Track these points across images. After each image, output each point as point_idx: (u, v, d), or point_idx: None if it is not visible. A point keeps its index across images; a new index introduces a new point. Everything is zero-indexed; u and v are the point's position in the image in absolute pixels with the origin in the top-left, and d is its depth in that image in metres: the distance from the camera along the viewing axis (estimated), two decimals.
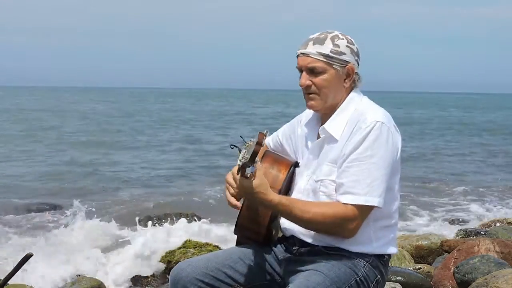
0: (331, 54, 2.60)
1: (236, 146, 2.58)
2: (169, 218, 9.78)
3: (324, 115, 2.72)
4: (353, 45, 2.66)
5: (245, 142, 2.50)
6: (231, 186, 2.56)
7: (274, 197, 2.49)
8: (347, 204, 2.50)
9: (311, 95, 2.66)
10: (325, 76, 2.62)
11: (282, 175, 2.70)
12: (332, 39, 2.62)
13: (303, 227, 2.60)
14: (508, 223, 7.78)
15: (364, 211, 2.52)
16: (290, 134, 2.90)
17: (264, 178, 2.48)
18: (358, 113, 2.62)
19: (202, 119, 37.36)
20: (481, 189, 13.02)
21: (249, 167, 2.34)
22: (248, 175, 2.38)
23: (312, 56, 2.62)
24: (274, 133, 3.01)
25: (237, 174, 2.42)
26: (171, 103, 67.34)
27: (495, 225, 7.66)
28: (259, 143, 2.31)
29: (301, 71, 2.67)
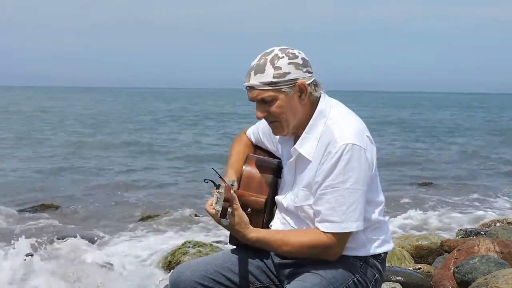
0: (274, 80, 2.50)
1: (210, 180, 2.59)
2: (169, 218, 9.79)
3: (295, 132, 2.67)
4: (296, 58, 2.54)
5: (220, 176, 2.61)
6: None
7: (252, 235, 2.53)
8: (326, 232, 2.51)
9: (272, 124, 2.61)
10: (277, 103, 2.53)
11: (267, 181, 2.71)
12: (272, 62, 2.51)
13: (285, 255, 2.64)
14: (508, 223, 7.77)
15: (343, 237, 2.52)
16: (269, 133, 2.82)
17: (242, 216, 2.51)
18: (328, 131, 2.54)
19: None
20: None
21: (222, 219, 2.43)
22: (225, 223, 2.47)
23: (258, 88, 2.52)
24: (255, 127, 2.96)
25: (213, 209, 2.46)
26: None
27: (495, 225, 7.66)
28: (226, 200, 2.39)
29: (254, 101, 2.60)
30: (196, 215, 10.03)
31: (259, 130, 2.92)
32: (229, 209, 2.43)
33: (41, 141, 21.64)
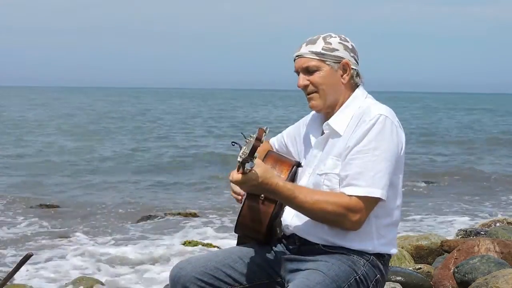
0: (322, 51, 2.64)
1: (237, 143, 2.60)
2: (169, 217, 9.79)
3: (327, 114, 2.73)
4: (347, 42, 2.69)
5: (246, 139, 2.50)
6: (235, 183, 2.50)
7: (279, 181, 2.50)
8: (351, 195, 2.51)
9: (311, 95, 2.69)
10: (320, 73, 2.65)
11: (284, 175, 2.71)
12: (324, 38, 2.68)
13: (306, 214, 2.59)
14: (508, 223, 7.77)
15: (368, 203, 2.52)
16: (295, 136, 2.92)
17: (265, 165, 2.51)
18: (362, 110, 2.64)
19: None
20: None
21: (248, 162, 2.35)
22: (248, 171, 2.38)
23: (306, 56, 2.67)
24: (279, 134, 3.03)
25: (237, 171, 2.41)
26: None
27: (495, 225, 7.65)
28: (259, 139, 2.33)
29: (298, 73, 2.71)
30: (196, 215, 10.04)
31: (283, 135, 2.99)
32: (256, 153, 2.35)
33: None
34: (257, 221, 2.68)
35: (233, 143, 2.64)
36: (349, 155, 2.55)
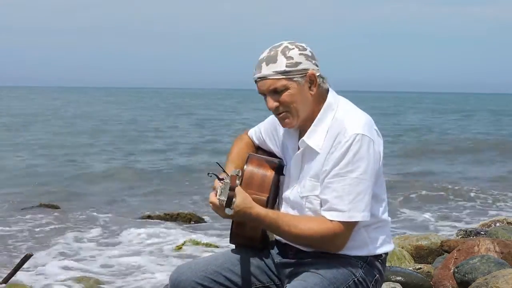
0: (287, 69, 2.53)
1: (214, 174, 2.59)
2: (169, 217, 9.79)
3: (300, 126, 2.67)
4: (305, 50, 2.59)
5: (223, 169, 2.62)
6: (215, 211, 2.55)
7: (261, 210, 2.50)
8: (332, 220, 2.50)
9: (282, 115, 2.60)
10: (288, 92, 2.54)
11: (268, 179, 2.68)
12: (283, 52, 2.55)
13: (290, 241, 2.61)
14: (508, 223, 7.76)
15: (349, 226, 2.52)
16: (272, 132, 2.84)
17: (245, 194, 2.50)
18: (337, 123, 2.57)
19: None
20: None
21: (226, 208, 2.42)
22: (228, 214, 2.45)
23: (270, 78, 2.55)
24: (256, 128, 2.95)
25: (219, 206, 2.46)
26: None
27: (495, 225, 7.64)
28: (232, 189, 2.39)
29: (264, 95, 2.60)
30: (196, 215, 10.03)
31: (261, 129, 2.91)
32: (234, 199, 2.41)
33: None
34: (249, 230, 2.68)
35: (210, 175, 2.63)
36: (327, 178, 2.52)
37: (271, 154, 2.87)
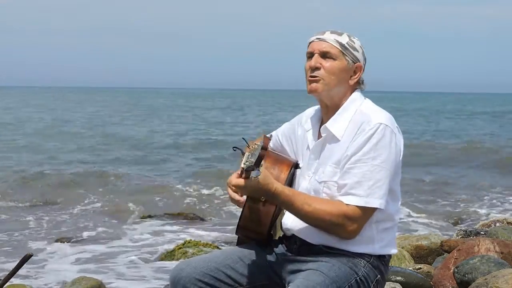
0: (347, 46, 2.64)
1: (238, 148, 2.59)
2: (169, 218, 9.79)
3: (325, 114, 2.71)
4: (363, 49, 2.71)
5: (248, 145, 2.51)
6: (235, 187, 2.52)
7: (278, 186, 2.50)
8: (349, 204, 2.51)
9: (316, 78, 2.65)
10: (336, 63, 2.63)
11: (283, 175, 2.70)
12: (349, 35, 2.68)
13: (303, 220, 2.59)
14: (508, 223, 7.75)
15: (366, 212, 2.53)
16: (289, 135, 2.89)
17: (266, 170, 2.51)
18: (361, 114, 2.62)
19: None
20: None
21: (253, 170, 2.36)
22: (252, 179, 2.39)
23: (329, 41, 2.64)
24: (274, 132, 2.99)
25: (241, 176, 2.42)
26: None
27: (495, 225, 7.64)
28: (265, 148, 2.35)
29: (311, 55, 2.67)
30: (196, 214, 10.04)
31: (278, 133, 2.96)
32: (263, 161, 2.38)
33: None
34: (259, 222, 2.68)
35: (234, 148, 2.63)
36: (348, 164, 2.55)
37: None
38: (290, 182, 2.77)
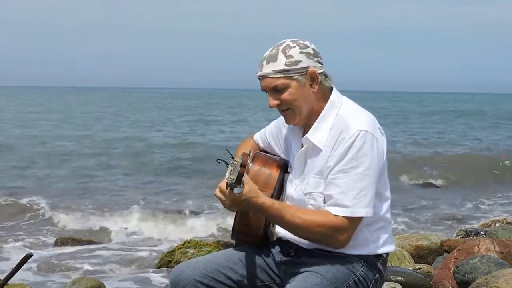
0: (286, 68, 2.56)
1: (222, 160, 2.59)
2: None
3: (304, 124, 2.69)
4: (307, 47, 2.61)
5: (232, 157, 2.57)
6: (221, 202, 2.54)
7: (266, 200, 2.51)
8: (336, 215, 2.51)
9: (284, 112, 2.64)
10: (289, 90, 2.57)
11: (274, 177, 2.71)
12: (284, 51, 2.58)
13: (293, 233, 2.60)
14: (508, 223, 7.75)
15: (353, 222, 2.53)
16: (277, 134, 2.88)
17: (253, 183, 2.50)
18: (341, 120, 2.59)
19: None
20: None
21: (235, 187, 2.38)
22: (235, 195, 2.41)
23: (270, 76, 2.58)
24: (262, 131, 2.98)
25: (226, 189, 2.44)
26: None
27: (495, 225, 7.64)
28: (243, 165, 2.36)
29: (266, 91, 2.64)
30: (195, 215, 10.04)
31: (266, 132, 2.95)
32: (244, 177, 2.38)
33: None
34: (252, 226, 2.69)
35: (218, 161, 2.63)
36: (331, 174, 2.54)
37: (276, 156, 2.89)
38: (281, 183, 2.76)
